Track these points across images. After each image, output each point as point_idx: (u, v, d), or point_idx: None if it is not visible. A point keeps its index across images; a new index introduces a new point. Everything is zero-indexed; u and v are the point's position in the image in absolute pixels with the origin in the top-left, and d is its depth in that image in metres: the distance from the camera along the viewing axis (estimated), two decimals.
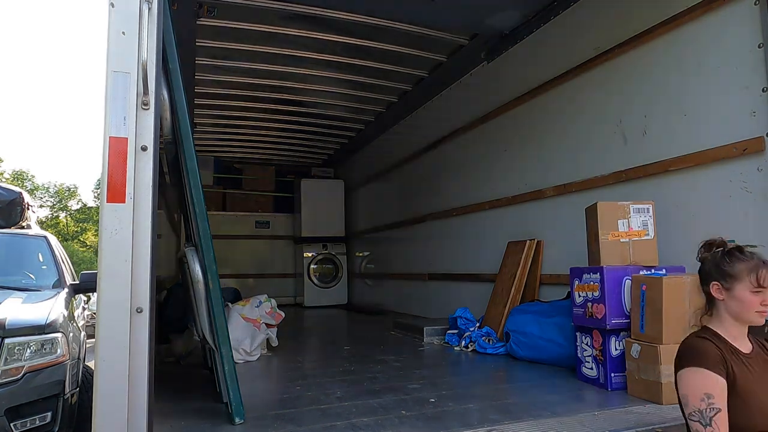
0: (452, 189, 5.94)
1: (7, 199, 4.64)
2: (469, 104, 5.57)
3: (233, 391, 2.32)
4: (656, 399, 2.58)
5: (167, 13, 2.16)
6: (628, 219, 3.05)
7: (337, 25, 4.86)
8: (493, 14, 4.49)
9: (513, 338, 3.82)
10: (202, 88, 6.17)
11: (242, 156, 9.62)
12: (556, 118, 4.29)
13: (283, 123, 7.78)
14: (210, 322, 2.41)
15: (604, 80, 3.80)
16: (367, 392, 2.91)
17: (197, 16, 4.55)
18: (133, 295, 1.90)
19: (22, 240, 4.35)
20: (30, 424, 2.83)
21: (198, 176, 2.37)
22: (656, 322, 2.65)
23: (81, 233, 40.31)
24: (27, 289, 3.67)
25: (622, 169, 3.59)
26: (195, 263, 2.43)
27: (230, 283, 7.50)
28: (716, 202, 2.96)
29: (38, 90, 62.75)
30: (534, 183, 4.50)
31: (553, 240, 4.30)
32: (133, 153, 1.94)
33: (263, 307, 4.17)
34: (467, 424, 2.28)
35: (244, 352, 3.84)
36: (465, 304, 4.78)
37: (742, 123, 2.82)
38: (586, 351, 3.06)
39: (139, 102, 1.97)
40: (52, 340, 2.98)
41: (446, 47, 5.36)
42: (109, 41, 1.95)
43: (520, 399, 2.77)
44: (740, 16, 2.86)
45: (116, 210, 1.91)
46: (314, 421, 2.38)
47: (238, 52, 5.40)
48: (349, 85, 6.29)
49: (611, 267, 2.95)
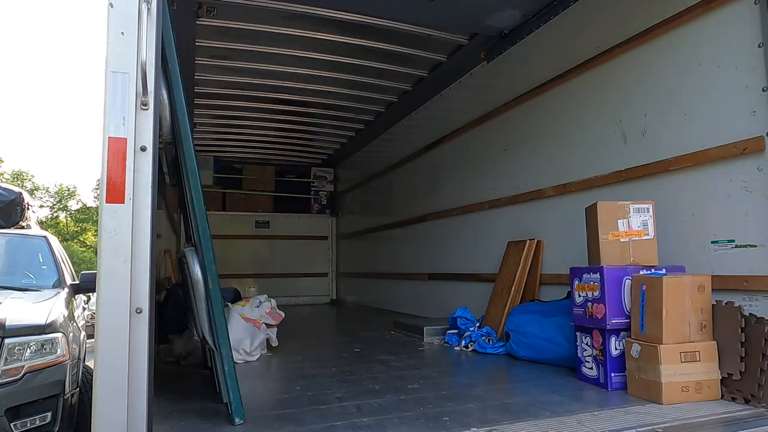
0: (452, 189, 5.94)
1: (7, 199, 4.65)
2: (469, 104, 5.57)
3: (233, 391, 2.32)
4: (656, 399, 2.57)
5: (166, 13, 2.16)
6: (628, 219, 3.05)
7: (337, 25, 4.86)
8: (493, 14, 4.49)
9: (513, 338, 3.82)
10: (201, 88, 6.17)
11: (242, 156, 9.62)
12: (556, 117, 4.28)
13: (283, 123, 7.78)
14: (210, 323, 2.41)
15: (604, 80, 3.80)
16: (367, 392, 2.91)
17: (197, 15, 4.55)
18: (133, 295, 1.90)
19: (22, 240, 4.35)
20: (30, 424, 2.83)
21: (198, 176, 2.37)
22: (656, 322, 2.65)
23: (81, 233, 40.33)
24: (27, 289, 3.68)
25: (621, 168, 3.59)
26: (195, 263, 2.43)
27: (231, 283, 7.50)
28: (716, 202, 2.96)
29: (38, 90, 62.78)
30: (534, 183, 4.50)
31: (553, 240, 4.30)
32: (132, 153, 1.94)
33: (263, 307, 4.16)
34: (467, 424, 2.28)
35: (244, 352, 3.84)
36: (465, 304, 4.78)
37: (742, 122, 2.82)
38: (586, 351, 3.06)
39: (138, 102, 1.97)
40: (52, 341, 2.99)
41: (446, 47, 5.36)
42: (109, 41, 1.95)
43: (520, 399, 2.77)
44: (740, 15, 2.86)
45: (115, 210, 1.90)
46: (314, 422, 2.38)
47: (237, 52, 5.40)
48: (349, 85, 6.29)
49: (611, 267, 2.94)
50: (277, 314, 4.28)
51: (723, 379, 2.63)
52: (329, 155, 9.88)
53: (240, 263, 9.25)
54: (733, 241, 2.86)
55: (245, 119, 7.57)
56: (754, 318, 2.60)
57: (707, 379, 2.62)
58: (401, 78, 6.11)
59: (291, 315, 6.44)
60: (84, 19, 67.42)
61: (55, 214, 41.10)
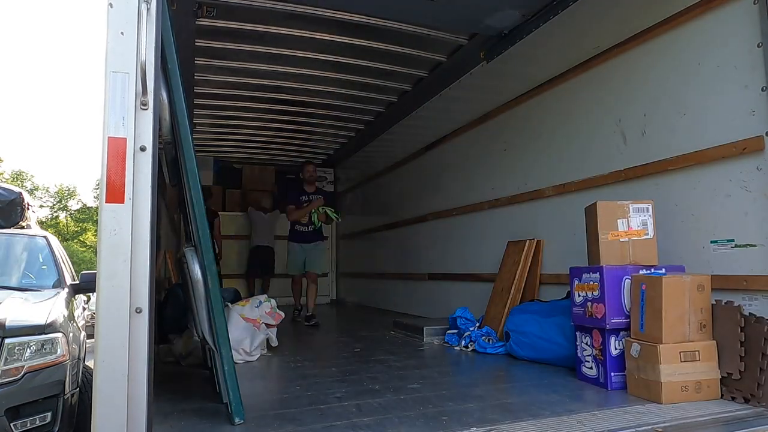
0: (452, 189, 5.94)
1: (7, 199, 4.64)
2: (469, 104, 5.57)
3: (233, 391, 2.32)
4: (656, 398, 2.58)
5: (166, 13, 2.16)
6: (627, 218, 3.05)
7: (337, 25, 4.86)
8: (493, 14, 4.49)
9: (513, 338, 3.82)
10: (201, 88, 6.17)
11: (242, 156, 9.62)
12: (556, 117, 4.28)
13: (282, 123, 7.78)
14: (210, 323, 2.41)
15: (604, 80, 3.80)
16: (367, 392, 2.91)
17: (196, 16, 4.55)
18: (133, 295, 1.90)
19: (22, 240, 4.34)
20: (30, 424, 2.83)
21: (197, 177, 2.37)
22: (656, 322, 2.65)
23: (81, 233, 40.34)
24: (27, 289, 3.67)
25: (621, 168, 3.59)
26: (194, 263, 2.43)
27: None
28: (716, 202, 2.96)
29: (38, 90, 62.78)
30: (534, 182, 4.50)
31: (553, 240, 4.30)
32: (132, 153, 1.94)
33: (263, 307, 4.16)
34: (467, 424, 2.28)
35: (243, 352, 3.84)
36: (465, 304, 4.78)
37: (741, 122, 2.82)
38: (585, 350, 3.06)
39: (137, 102, 1.97)
40: (52, 341, 2.98)
41: (446, 47, 5.37)
42: (108, 41, 1.95)
43: (520, 399, 2.77)
44: (739, 15, 2.86)
45: (115, 210, 1.90)
46: (314, 421, 2.38)
47: (237, 52, 5.40)
48: (349, 85, 6.29)
49: (611, 266, 2.95)
50: (277, 314, 4.28)
51: (723, 379, 2.63)
52: (329, 155, 9.87)
53: (240, 263, 9.24)
54: (732, 240, 2.86)
55: (245, 119, 7.57)
56: (753, 317, 2.60)
57: (707, 379, 2.62)
58: (401, 78, 6.11)
59: (291, 315, 6.45)
60: (84, 19, 67.45)
61: (55, 214, 41.12)
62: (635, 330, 2.78)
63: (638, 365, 2.70)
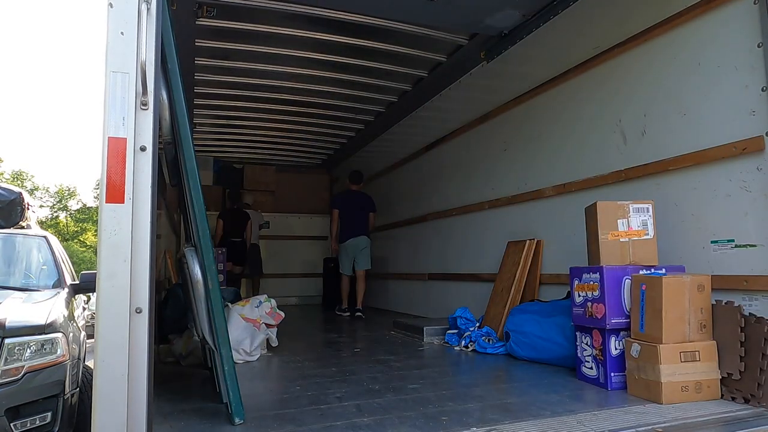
0: (452, 189, 5.94)
1: (7, 199, 4.64)
2: (469, 104, 5.58)
3: (233, 391, 2.32)
4: (656, 398, 2.58)
5: (166, 13, 2.16)
6: (627, 218, 3.05)
7: (337, 25, 4.86)
8: (493, 14, 4.49)
9: (513, 338, 3.82)
10: (201, 88, 6.17)
11: (242, 156, 9.62)
12: (556, 117, 4.29)
13: (282, 123, 7.78)
14: (210, 323, 2.41)
15: (604, 80, 3.80)
16: (367, 392, 2.91)
17: (196, 16, 4.55)
18: (133, 295, 1.90)
19: (22, 240, 4.34)
20: (30, 424, 2.82)
21: (197, 177, 2.37)
22: (656, 322, 2.65)
23: (81, 233, 40.31)
24: (27, 289, 3.67)
25: (621, 168, 3.59)
26: (194, 263, 2.43)
27: None
28: (716, 202, 2.96)
29: (38, 90, 62.78)
30: (534, 183, 4.50)
31: (553, 240, 4.30)
32: (132, 153, 1.94)
33: (263, 307, 4.16)
34: (467, 424, 2.28)
35: (243, 352, 3.84)
36: (465, 304, 4.78)
37: (741, 122, 2.82)
38: (586, 351, 3.06)
39: (138, 102, 1.97)
40: (52, 341, 2.98)
41: (446, 47, 5.36)
42: (108, 41, 1.95)
43: (520, 399, 2.77)
44: (739, 15, 2.86)
45: (115, 210, 1.90)
46: (314, 421, 2.38)
47: (237, 53, 5.40)
48: (349, 85, 6.29)
49: (611, 266, 2.95)
50: (277, 314, 4.28)
51: (723, 379, 2.63)
52: (329, 155, 9.87)
53: None
54: (732, 240, 2.86)
55: (245, 119, 7.57)
56: (753, 318, 2.60)
57: (707, 379, 2.62)
58: (401, 78, 6.11)
59: (291, 315, 6.45)
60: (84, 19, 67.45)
61: (55, 214, 41.10)
62: (635, 330, 2.78)
63: (638, 365, 2.70)
